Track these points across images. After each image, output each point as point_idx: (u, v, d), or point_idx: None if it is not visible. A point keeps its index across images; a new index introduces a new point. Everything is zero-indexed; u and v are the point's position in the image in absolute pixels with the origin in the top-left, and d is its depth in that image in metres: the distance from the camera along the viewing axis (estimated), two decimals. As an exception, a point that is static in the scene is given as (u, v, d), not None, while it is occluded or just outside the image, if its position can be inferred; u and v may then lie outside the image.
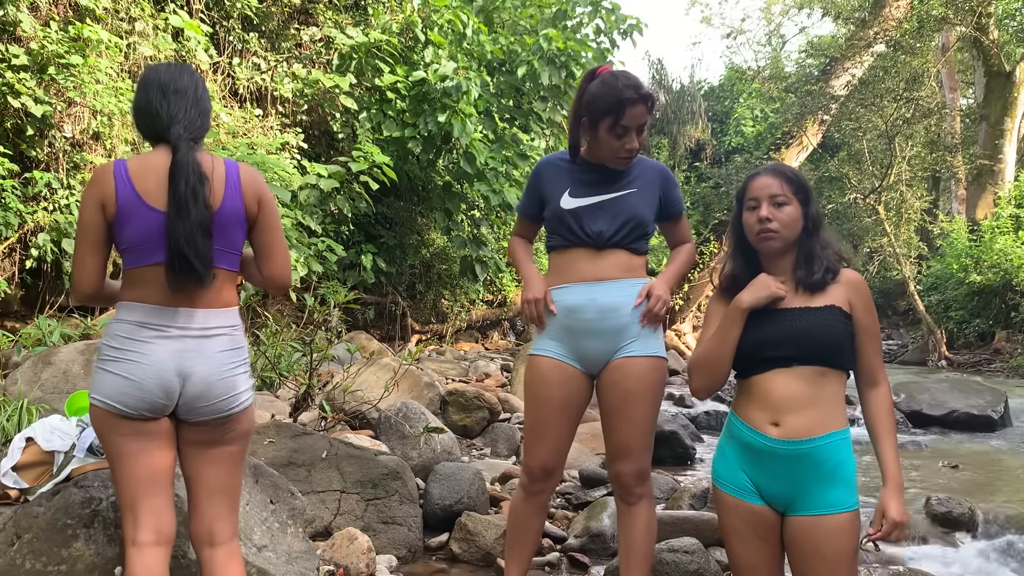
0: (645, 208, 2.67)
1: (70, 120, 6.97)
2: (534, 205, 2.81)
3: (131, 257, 2.09)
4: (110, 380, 2.05)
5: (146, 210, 2.05)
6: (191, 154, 2.07)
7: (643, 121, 2.57)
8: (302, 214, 7.83)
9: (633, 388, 2.60)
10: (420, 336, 11.96)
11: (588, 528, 3.80)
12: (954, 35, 17.93)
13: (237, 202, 2.14)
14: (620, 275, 2.64)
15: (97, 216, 2.07)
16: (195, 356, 2.08)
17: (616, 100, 2.51)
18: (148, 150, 2.19)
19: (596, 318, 2.61)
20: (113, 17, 7.55)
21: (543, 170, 2.79)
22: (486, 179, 10.01)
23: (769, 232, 2.09)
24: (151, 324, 2.07)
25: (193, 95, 2.16)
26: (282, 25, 9.81)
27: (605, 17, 11.08)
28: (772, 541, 2.08)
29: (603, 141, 2.60)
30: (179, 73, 2.19)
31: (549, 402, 2.66)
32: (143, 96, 2.14)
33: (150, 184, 2.06)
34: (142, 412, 2.05)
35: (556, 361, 2.66)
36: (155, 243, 2.05)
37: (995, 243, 14.99)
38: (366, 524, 3.55)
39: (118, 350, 2.06)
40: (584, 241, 2.64)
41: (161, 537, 2.08)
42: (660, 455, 5.90)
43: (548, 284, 2.72)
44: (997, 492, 5.01)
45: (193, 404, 2.09)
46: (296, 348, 5.74)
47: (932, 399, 7.91)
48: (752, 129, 27.58)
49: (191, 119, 2.14)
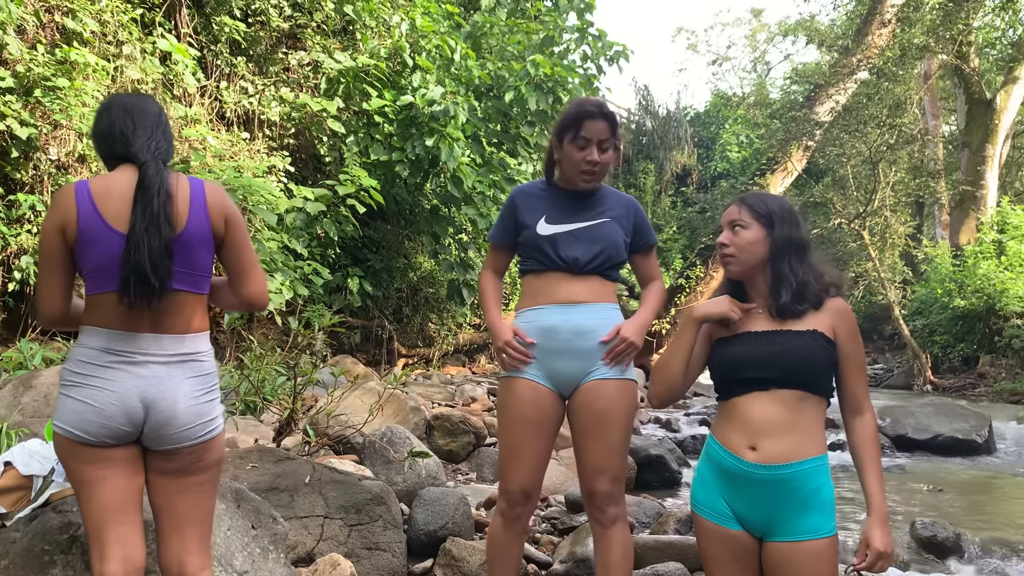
0: (618, 238, 2.73)
1: (56, 142, 6.95)
2: (508, 234, 2.83)
3: (93, 283, 2.03)
4: (71, 406, 2.00)
5: (109, 233, 2.00)
6: (159, 171, 2.03)
7: (604, 137, 2.64)
8: (288, 237, 7.82)
9: (606, 408, 2.62)
10: (406, 360, 11.92)
11: (573, 553, 3.77)
12: (936, 63, 18.19)
13: (203, 222, 2.08)
14: (594, 299, 2.68)
15: (58, 241, 2.02)
16: (160, 383, 2.03)
17: (576, 114, 2.65)
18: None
19: (571, 338, 2.64)
20: (100, 40, 7.55)
21: (518, 199, 2.83)
22: (473, 203, 10.04)
23: (725, 256, 2.17)
24: (113, 349, 2.02)
25: (157, 120, 2.14)
26: (270, 49, 9.84)
27: (592, 44, 11.18)
28: (751, 566, 2.07)
29: (567, 155, 2.68)
30: (142, 99, 2.17)
31: (525, 423, 2.66)
32: (105, 120, 2.11)
33: (113, 205, 2.01)
34: (103, 439, 2.00)
35: (530, 382, 2.67)
36: (115, 267, 1.99)
37: (978, 268, 15.13)
38: (349, 550, 3.52)
39: (79, 375, 2.01)
40: (559, 266, 2.68)
41: (129, 567, 2.02)
42: (646, 479, 5.91)
43: (522, 306, 2.76)
44: (982, 516, 5.02)
45: (158, 432, 2.04)
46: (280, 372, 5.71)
47: (917, 423, 7.95)
48: (738, 155, 27.83)
49: (157, 140, 2.10)
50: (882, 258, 18.03)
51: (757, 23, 32.69)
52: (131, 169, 2.06)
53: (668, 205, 26.98)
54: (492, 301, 2.88)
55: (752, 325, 2.13)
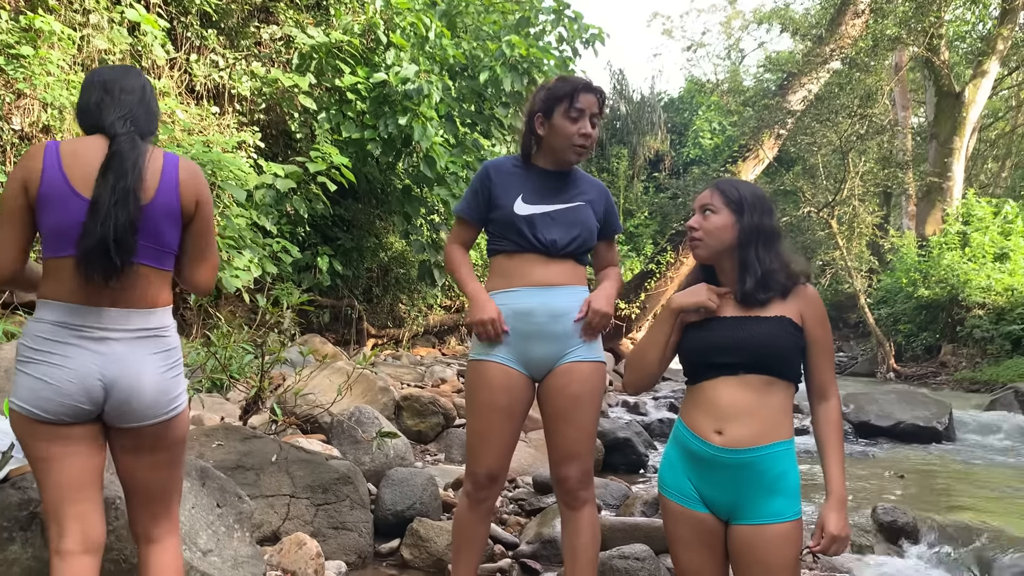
0: (592, 223, 2.72)
1: (19, 112, 6.80)
2: (480, 209, 2.75)
3: (51, 245, 1.97)
4: (27, 383, 1.94)
5: (73, 197, 1.94)
6: (135, 144, 1.99)
7: (595, 111, 2.65)
8: (257, 214, 7.72)
9: (578, 392, 2.62)
10: (376, 340, 11.87)
11: (540, 534, 3.79)
12: (907, 55, 18.39)
13: (172, 198, 2.03)
14: (568, 282, 2.67)
15: (20, 197, 1.96)
16: (121, 360, 1.97)
17: (572, 87, 2.63)
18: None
19: (547, 321, 2.62)
20: (67, 8, 7.38)
21: (493, 174, 2.75)
22: (446, 183, 9.98)
23: (693, 240, 2.19)
24: (70, 324, 1.96)
25: (140, 95, 2.10)
26: (242, 22, 9.67)
27: (568, 26, 11.13)
28: (717, 549, 2.09)
29: (559, 128, 2.63)
30: (124, 73, 2.12)
31: (495, 409, 2.64)
32: (85, 96, 2.08)
33: (80, 169, 1.96)
34: (61, 417, 1.95)
35: (502, 366, 2.64)
36: (76, 231, 1.92)
37: (943, 259, 15.40)
38: (315, 529, 3.50)
39: (36, 351, 1.95)
40: (536, 248, 2.64)
41: (89, 544, 1.98)
42: (613, 462, 5.95)
43: (493, 287, 2.70)
44: (940, 502, 5.12)
45: (120, 410, 1.99)
46: (248, 350, 5.64)
47: (880, 410, 8.08)
48: (710, 141, 27.99)
49: (136, 114, 2.06)
50: (849, 247, 18.27)
51: (732, 10, 32.87)
52: (103, 139, 2.01)
53: (640, 190, 27.10)
54: (468, 272, 2.80)
55: (721, 310, 2.14)
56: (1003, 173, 25.21)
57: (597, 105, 2.65)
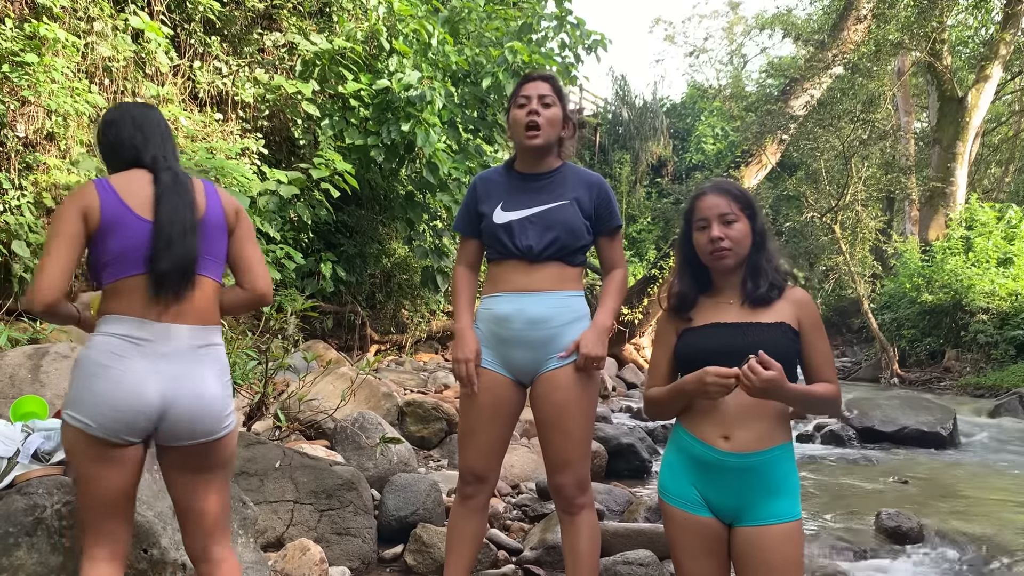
0: (576, 221, 2.66)
1: (23, 119, 6.82)
2: (472, 222, 2.79)
3: (116, 268, 2.04)
4: (87, 398, 1.98)
5: (136, 220, 2.05)
6: (179, 173, 2.14)
7: (544, 92, 2.68)
8: (261, 220, 7.73)
9: (562, 400, 2.62)
10: (379, 346, 11.86)
11: (544, 540, 3.79)
12: (909, 60, 18.40)
13: (218, 212, 2.18)
14: (552, 287, 2.65)
15: (78, 225, 2.02)
16: (183, 379, 2.03)
17: (520, 82, 2.74)
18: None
19: (524, 328, 2.63)
20: (71, 16, 7.40)
21: (478, 185, 2.80)
22: (449, 190, 9.99)
23: (723, 251, 2.11)
24: (135, 338, 2.01)
25: (164, 131, 2.24)
26: (245, 29, 9.70)
27: (570, 32, 11.14)
28: (720, 553, 2.09)
29: (512, 120, 2.71)
30: (148, 111, 2.25)
31: (478, 409, 2.69)
32: (114, 131, 2.18)
33: (135, 198, 2.07)
34: (118, 435, 1.99)
35: (484, 369, 2.68)
36: (141, 252, 2.03)
37: (946, 264, 15.36)
38: (319, 535, 3.50)
39: (101, 366, 1.98)
40: (515, 254, 2.66)
41: (116, 554, 2.07)
42: (617, 468, 5.94)
43: (485, 292, 2.77)
44: (944, 507, 5.10)
45: (177, 428, 2.04)
46: (251, 356, 5.67)
47: (884, 416, 8.06)
48: (713, 147, 27.97)
49: (167, 148, 2.21)
50: (853, 252, 18.25)
51: (734, 16, 32.81)
52: (145, 172, 2.14)
53: (643, 196, 27.09)
54: (463, 304, 2.79)
55: (721, 316, 2.14)
56: (1006, 178, 25.16)
57: (547, 87, 2.69)
